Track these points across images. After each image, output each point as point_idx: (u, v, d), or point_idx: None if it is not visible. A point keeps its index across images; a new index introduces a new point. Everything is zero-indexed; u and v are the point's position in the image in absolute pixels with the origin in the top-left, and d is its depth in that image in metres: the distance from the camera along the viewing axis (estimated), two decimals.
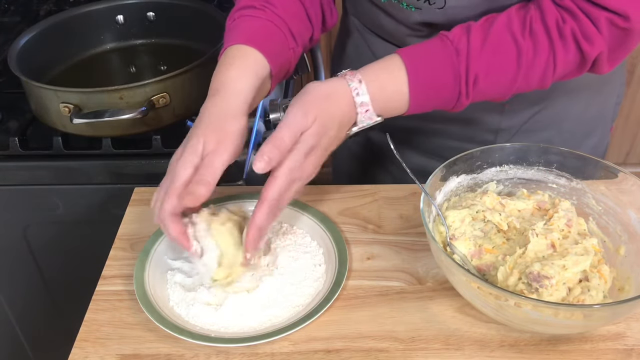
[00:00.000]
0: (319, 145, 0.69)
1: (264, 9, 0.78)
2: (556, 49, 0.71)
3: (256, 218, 0.67)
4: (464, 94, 0.72)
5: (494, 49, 0.71)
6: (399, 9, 0.82)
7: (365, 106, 0.71)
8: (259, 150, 0.66)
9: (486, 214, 0.73)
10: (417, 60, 0.72)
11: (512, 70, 0.72)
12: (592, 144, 0.97)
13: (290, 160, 0.67)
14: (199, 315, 0.69)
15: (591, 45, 0.70)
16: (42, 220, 1.04)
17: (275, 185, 0.67)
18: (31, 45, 1.03)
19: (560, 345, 0.67)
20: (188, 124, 1.02)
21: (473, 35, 0.71)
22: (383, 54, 0.94)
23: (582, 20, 0.70)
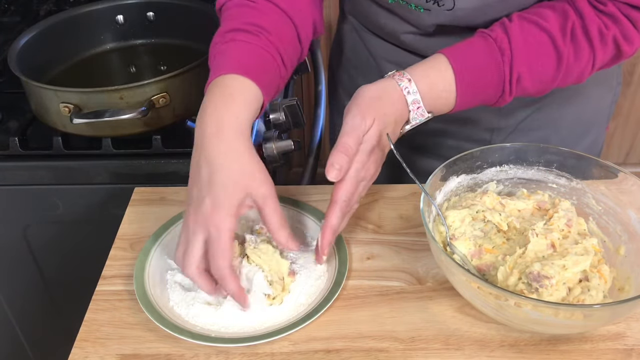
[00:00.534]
0: (379, 145, 0.72)
1: (258, 35, 0.74)
2: (596, 53, 0.74)
3: (330, 221, 0.70)
4: (508, 92, 0.74)
5: (537, 50, 0.73)
6: (407, 10, 0.82)
7: (416, 103, 0.73)
8: (328, 160, 0.68)
9: (486, 214, 0.73)
10: (463, 59, 0.73)
11: (552, 70, 0.74)
12: (588, 143, 0.97)
13: (356, 162, 0.70)
14: (199, 315, 0.69)
15: (630, 44, 0.74)
16: (42, 220, 1.04)
17: (344, 187, 0.70)
18: (31, 45, 1.03)
19: (560, 345, 0.67)
20: (188, 123, 1.02)
21: (514, 36, 0.73)
22: (380, 53, 0.94)
23: (624, 24, 0.72)
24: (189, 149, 0.95)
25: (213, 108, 0.69)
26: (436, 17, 0.80)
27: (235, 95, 0.69)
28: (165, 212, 0.83)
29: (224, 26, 0.76)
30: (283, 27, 0.78)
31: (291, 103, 1.04)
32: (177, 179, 0.96)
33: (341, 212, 0.70)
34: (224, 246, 0.65)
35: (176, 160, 0.95)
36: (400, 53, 0.91)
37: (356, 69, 1.02)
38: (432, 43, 0.86)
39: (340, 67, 1.07)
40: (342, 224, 0.74)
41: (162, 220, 0.81)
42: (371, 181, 0.74)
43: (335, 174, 0.68)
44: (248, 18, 0.76)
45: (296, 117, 1.04)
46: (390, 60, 0.94)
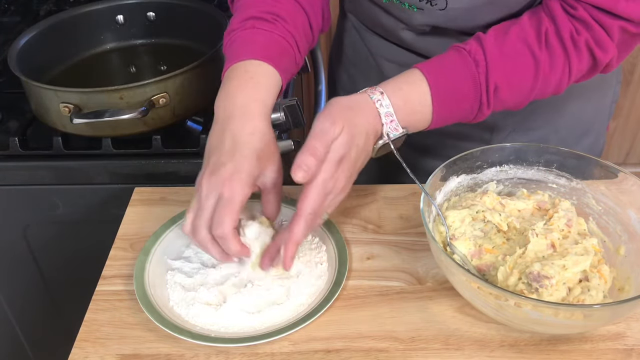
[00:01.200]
0: (348, 156, 0.69)
1: (275, 23, 0.77)
2: (571, 60, 0.72)
3: (294, 234, 0.68)
4: (486, 104, 0.73)
5: (512, 59, 0.72)
6: (400, 9, 0.82)
7: (389, 116, 0.71)
8: (295, 161, 0.66)
9: (486, 214, 0.73)
10: (438, 72, 0.72)
11: (530, 79, 0.73)
12: (588, 143, 0.97)
13: (323, 172, 0.67)
14: (199, 315, 0.69)
15: (604, 52, 0.72)
16: (42, 220, 1.04)
17: (310, 198, 0.67)
18: (31, 45, 1.03)
19: (560, 345, 0.67)
20: (188, 123, 1.02)
21: (488, 47, 0.72)
22: (380, 52, 0.94)
23: (596, 29, 0.71)
24: (188, 149, 0.96)
25: (239, 90, 0.71)
26: (429, 17, 0.80)
27: (260, 80, 0.72)
28: (165, 212, 0.83)
29: (241, 14, 0.79)
30: (297, 15, 0.80)
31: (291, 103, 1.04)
32: (177, 179, 0.96)
33: (306, 225, 0.68)
34: (233, 210, 0.66)
35: (176, 160, 0.95)
36: (399, 51, 0.91)
37: (356, 68, 1.03)
38: (430, 42, 0.86)
39: (340, 66, 1.07)
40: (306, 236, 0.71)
41: (162, 220, 0.81)
42: (340, 196, 0.70)
43: (302, 175, 0.65)
44: (265, 7, 0.78)
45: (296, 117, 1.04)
46: (389, 59, 0.94)
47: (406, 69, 0.92)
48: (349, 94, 1.09)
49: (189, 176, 0.96)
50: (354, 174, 0.71)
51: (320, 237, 0.79)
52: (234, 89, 0.72)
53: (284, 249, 0.69)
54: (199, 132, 0.96)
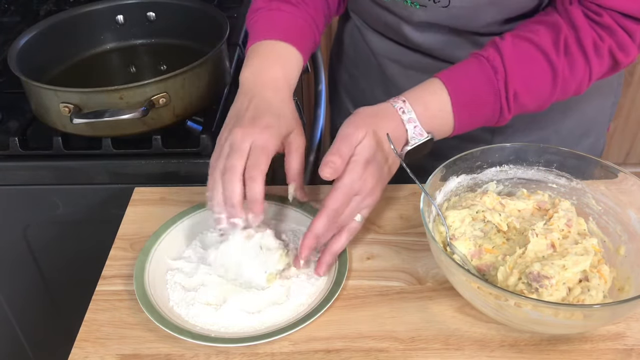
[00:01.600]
0: (374, 159, 0.71)
1: (297, 6, 0.84)
2: (592, 65, 0.74)
3: (314, 225, 0.70)
4: (506, 109, 0.75)
5: (530, 66, 0.73)
6: (403, 6, 0.82)
7: (413, 122, 0.73)
8: (323, 160, 0.69)
9: (486, 215, 0.73)
10: (457, 81, 0.74)
11: (548, 85, 0.74)
12: (589, 143, 0.97)
13: (349, 172, 0.70)
14: (199, 315, 0.69)
15: (626, 55, 0.74)
16: (42, 220, 1.04)
17: (334, 195, 0.69)
18: (31, 45, 1.03)
19: (560, 345, 0.67)
20: (188, 123, 1.02)
21: (506, 54, 0.73)
22: (381, 51, 0.94)
23: (620, 35, 0.72)
24: (188, 149, 0.95)
25: (269, 66, 0.78)
26: (432, 15, 0.80)
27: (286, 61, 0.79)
28: (165, 212, 0.83)
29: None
30: None
31: None
32: (177, 179, 0.96)
33: (327, 220, 0.70)
34: (268, 155, 0.70)
35: (176, 160, 0.95)
36: (401, 50, 0.91)
37: (357, 68, 1.02)
38: (432, 39, 0.86)
39: (340, 66, 1.07)
40: (339, 243, 0.73)
41: (162, 220, 0.81)
42: (368, 198, 0.72)
43: (329, 171, 0.68)
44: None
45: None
46: (391, 58, 0.94)
47: (408, 68, 0.92)
48: (350, 94, 1.10)
49: (189, 176, 0.96)
50: (382, 178, 0.74)
51: None
52: (263, 65, 0.78)
53: (302, 238, 0.71)
54: (199, 132, 0.96)
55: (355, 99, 1.07)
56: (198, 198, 0.86)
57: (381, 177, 0.73)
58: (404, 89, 0.77)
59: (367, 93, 1.02)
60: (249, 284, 0.72)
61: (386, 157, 0.73)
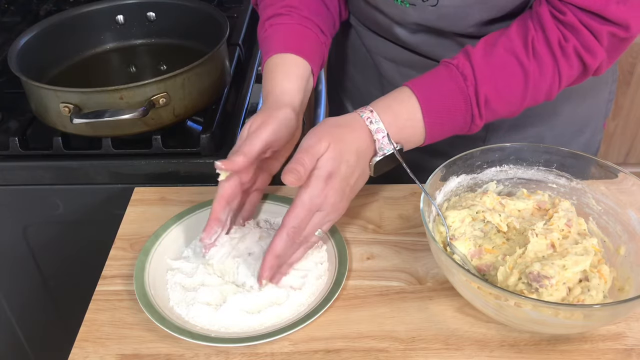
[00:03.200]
0: (337, 173, 0.69)
1: (290, 14, 0.83)
2: (560, 67, 0.73)
3: (273, 245, 0.68)
4: (477, 116, 0.74)
5: (500, 71, 0.73)
6: (393, 5, 0.82)
7: (381, 132, 0.72)
8: (285, 168, 0.67)
9: (486, 215, 0.73)
10: (426, 89, 0.73)
11: (520, 89, 0.73)
12: (584, 141, 0.97)
13: (310, 187, 0.68)
14: (199, 315, 0.69)
15: (593, 57, 0.72)
16: (42, 220, 1.04)
17: (294, 212, 0.68)
18: (31, 45, 1.03)
19: (560, 345, 0.67)
20: (188, 124, 1.02)
21: (476, 60, 0.72)
22: (377, 50, 0.95)
23: (584, 34, 0.71)
24: (188, 149, 0.96)
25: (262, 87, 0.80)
26: (421, 14, 0.81)
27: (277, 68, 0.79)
28: (165, 212, 0.83)
29: (264, 15, 0.86)
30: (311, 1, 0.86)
31: None
32: (177, 179, 0.96)
33: (288, 238, 0.68)
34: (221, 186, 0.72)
35: (176, 160, 0.95)
36: (396, 49, 0.91)
37: (355, 67, 1.03)
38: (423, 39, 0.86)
39: (338, 65, 1.07)
40: (297, 255, 0.72)
41: (162, 220, 0.81)
42: (332, 214, 0.71)
43: (293, 177, 0.66)
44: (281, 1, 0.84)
45: None
46: (386, 57, 0.94)
47: (403, 67, 0.92)
48: (348, 93, 1.10)
49: (189, 176, 0.96)
50: (347, 191, 0.71)
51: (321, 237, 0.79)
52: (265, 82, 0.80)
53: (263, 259, 0.69)
54: (199, 132, 0.96)
55: (352, 98, 1.07)
56: (198, 198, 0.86)
57: (346, 191, 0.71)
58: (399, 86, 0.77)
59: (364, 91, 1.02)
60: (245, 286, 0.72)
61: (351, 170, 0.70)
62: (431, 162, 0.81)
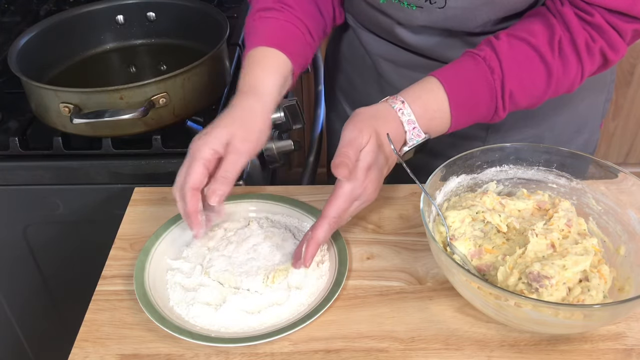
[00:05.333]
0: (376, 164, 0.72)
1: (282, 10, 0.83)
2: (584, 65, 0.75)
3: (317, 234, 0.71)
4: (501, 108, 0.75)
5: (526, 66, 0.74)
6: (399, 8, 0.82)
7: (412, 124, 0.74)
8: (333, 164, 0.69)
9: (486, 215, 0.73)
10: (454, 80, 0.74)
11: (543, 85, 0.75)
12: (582, 140, 0.98)
13: (352, 179, 0.70)
14: (199, 315, 0.69)
15: (616, 53, 0.74)
16: (42, 220, 1.04)
17: (336, 203, 0.70)
18: (31, 45, 1.03)
19: (560, 345, 0.67)
20: (188, 124, 1.02)
21: (502, 53, 0.73)
22: (376, 50, 0.95)
23: (611, 34, 0.73)
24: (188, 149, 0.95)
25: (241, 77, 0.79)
26: (428, 16, 0.81)
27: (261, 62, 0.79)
28: (165, 212, 0.83)
29: (256, 5, 0.85)
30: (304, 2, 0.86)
31: (291, 103, 1.04)
32: None
33: (329, 227, 0.71)
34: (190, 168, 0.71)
35: (176, 160, 0.95)
36: (395, 50, 0.91)
37: (353, 67, 1.03)
38: (426, 40, 0.86)
39: (336, 65, 1.07)
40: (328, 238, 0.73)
41: (162, 220, 0.81)
42: (366, 202, 0.73)
43: (345, 171, 0.68)
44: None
45: (296, 117, 1.04)
46: (385, 57, 0.94)
47: (402, 67, 0.92)
48: (345, 93, 1.10)
49: None
50: (380, 181, 0.74)
51: None
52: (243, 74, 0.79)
53: (306, 247, 0.71)
54: (199, 132, 0.96)
55: (350, 98, 1.07)
56: None
57: (379, 180, 0.74)
58: (398, 88, 0.77)
59: (362, 92, 1.02)
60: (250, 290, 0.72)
61: (386, 159, 0.74)
62: (428, 161, 0.81)
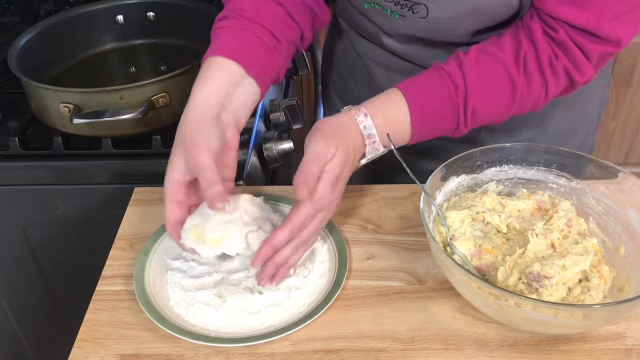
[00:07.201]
0: (342, 176, 0.71)
1: (238, 18, 0.78)
2: (548, 84, 0.74)
3: (275, 236, 0.69)
4: (463, 124, 0.75)
5: (490, 83, 0.73)
6: (383, 15, 0.82)
7: (372, 138, 0.73)
8: (295, 181, 0.68)
9: (486, 216, 0.73)
10: (417, 94, 0.74)
11: (506, 102, 0.75)
12: (576, 143, 0.97)
13: (319, 191, 0.69)
14: (199, 315, 0.69)
15: (581, 75, 0.74)
16: (42, 220, 1.04)
17: (302, 209, 0.69)
18: (31, 45, 1.03)
19: (560, 345, 0.67)
20: None
21: (468, 70, 0.73)
22: (367, 54, 0.95)
23: (575, 53, 0.72)
24: None
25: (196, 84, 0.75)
26: (411, 25, 0.81)
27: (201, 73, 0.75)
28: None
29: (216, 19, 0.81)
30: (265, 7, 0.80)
31: (291, 103, 1.04)
32: None
33: (290, 232, 0.69)
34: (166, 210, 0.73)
35: None
36: (385, 55, 0.91)
37: (347, 70, 1.03)
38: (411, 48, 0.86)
39: (331, 68, 1.07)
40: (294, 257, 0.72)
41: (162, 220, 0.81)
42: (330, 215, 0.72)
43: (306, 192, 0.67)
44: (232, 4, 0.80)
45: (296, 117, 1.04)
46: (376, 61, 0.94)
47: (392, 71, 0.92)
48: (339, 94, 1.10)
49: None
50: (343, 190, 0.73)
51: (321, 237, 0.79)
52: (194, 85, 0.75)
53: (260, 247, 0.70)
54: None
55: (344, 100, 1.07)
56: None
57: (342, 191, 0.73)
58: None
59: (354, 94, 1.03)
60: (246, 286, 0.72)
61: (350, 171, 0.73)
62: (423, 162, 0.81)
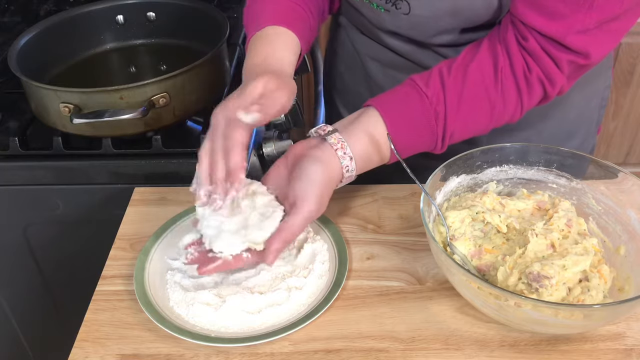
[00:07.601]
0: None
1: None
2: (523, 98, 0.75)
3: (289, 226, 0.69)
4: (439, 147, 0.77)
5: (470, 106, 0.74)
6: (370, 8, 0.84)
7: (349, 170, 0.73)
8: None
9: (486, 216, 0.73)
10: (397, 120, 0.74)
11: (485, 122, 0.76)
12: (574, 146, 0.96)
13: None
14: (199, 315, 0.69)
15: (553, 85, 0.74)
16: (42, 220, 1.04)
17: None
18: (31, 45, 1.03)
19: (560, 345, 0.67)
20: (188, 123, 1.02)
21: (449, 93, 0.73)
22: (364, 49, 0.95)
23: (546, 62, 0.72)
24: (189, 149, 0.96)
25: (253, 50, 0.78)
26: (395, 20, 0.82)
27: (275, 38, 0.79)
28: (165, 212, 0.83)
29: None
30: None
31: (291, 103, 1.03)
32: (177, 179, 0.96)
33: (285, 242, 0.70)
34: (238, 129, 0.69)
35: (176, 160, 0.95)
36: (380, 49, 0.92)
37: (345, 65, 1.04)
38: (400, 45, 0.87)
39: (333, 64, 1.08)
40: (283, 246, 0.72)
41: (162, 220, 0.81)
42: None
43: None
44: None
45: (296, 117, 1.04)
46: (372, 56, 0.94)
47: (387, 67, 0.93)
48: (338, 91, 1.10)
49: (189, 176, 0.95)
50: None
51: (321, 237, 0.79)
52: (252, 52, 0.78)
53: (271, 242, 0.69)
54: (199, 132, 0.96)
55: (344, 98, 1.07)
56: None
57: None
58: (384, 88, 0.78)
59: (353, 92, 1.03)
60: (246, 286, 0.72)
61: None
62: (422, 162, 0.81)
